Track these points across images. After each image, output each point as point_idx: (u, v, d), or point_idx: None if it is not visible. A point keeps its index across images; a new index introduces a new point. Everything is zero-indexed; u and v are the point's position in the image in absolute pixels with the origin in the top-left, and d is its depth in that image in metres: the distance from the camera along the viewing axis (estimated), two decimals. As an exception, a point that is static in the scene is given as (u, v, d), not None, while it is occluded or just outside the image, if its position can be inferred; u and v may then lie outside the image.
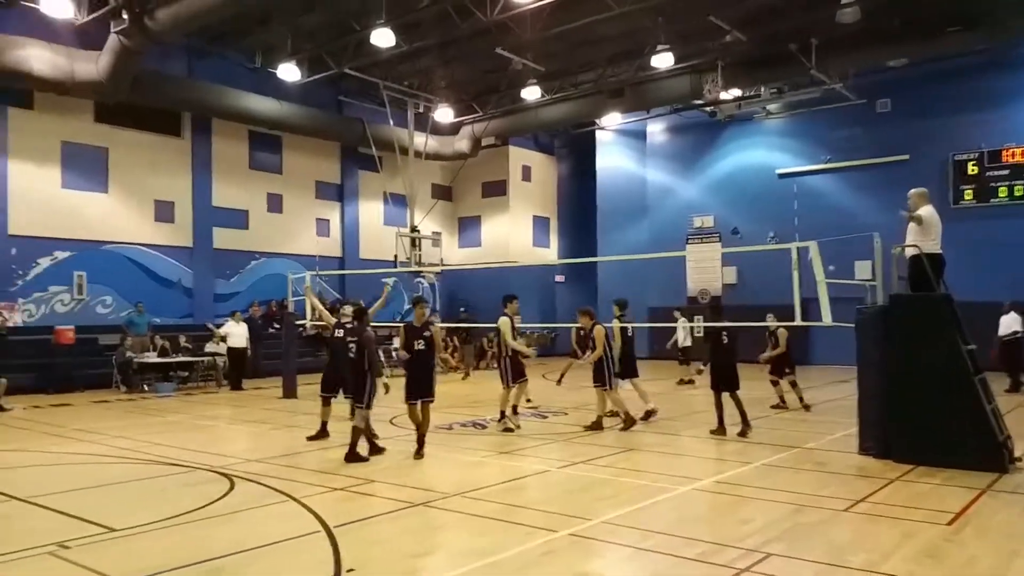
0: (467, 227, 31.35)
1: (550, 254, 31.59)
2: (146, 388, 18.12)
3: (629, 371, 12.78)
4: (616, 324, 12.67)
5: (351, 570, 5.50)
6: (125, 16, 17.54)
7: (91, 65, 18.96)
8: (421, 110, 26.12)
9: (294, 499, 7.58)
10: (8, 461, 9.88)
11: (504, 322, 11.91)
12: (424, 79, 25.21)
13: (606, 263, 28.82)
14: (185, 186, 23.05)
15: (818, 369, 23.59)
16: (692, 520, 6.94)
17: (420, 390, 9.71)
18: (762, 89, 25.05)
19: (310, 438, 10.90)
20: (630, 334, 12.98)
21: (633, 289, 27.45)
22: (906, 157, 23.71)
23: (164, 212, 22.59)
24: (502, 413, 11.87)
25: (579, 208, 31.69)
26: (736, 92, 24.56)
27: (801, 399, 14.02)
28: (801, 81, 23.74)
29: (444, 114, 26.57)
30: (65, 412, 14.81)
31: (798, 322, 10.97)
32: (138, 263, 21.93)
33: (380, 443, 10.01)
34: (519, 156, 30.66)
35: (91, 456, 10.14)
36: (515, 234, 30.24)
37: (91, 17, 18.16)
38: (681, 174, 29.22)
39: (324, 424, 10.96)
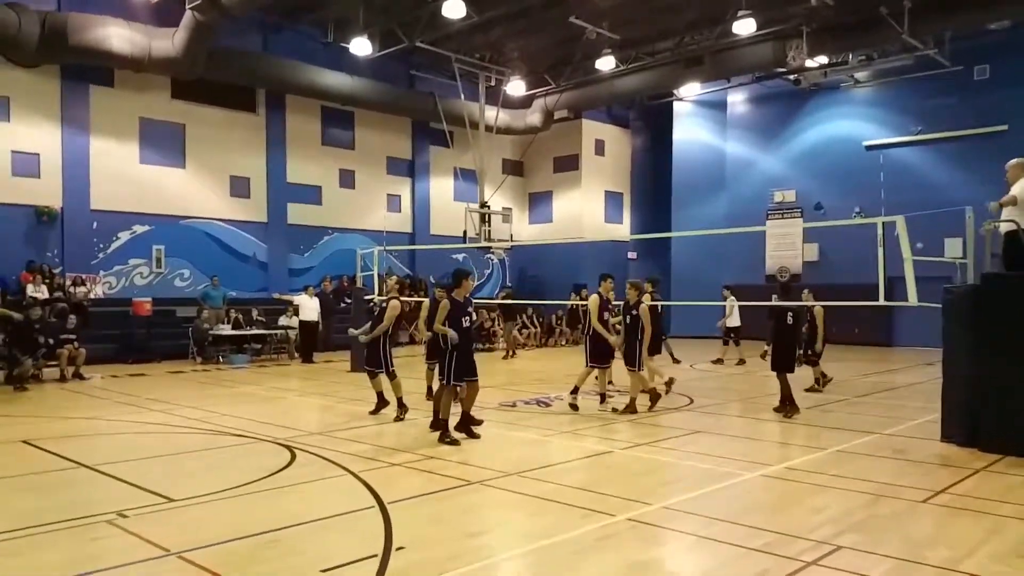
0: (538, 203, 31.01)
1: (623, 230, 31.01)
2: (221, 360, 18.54)
3: (653, 349, 12.71)
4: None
5: (401, 548, 5.37)
6: (199, -9, 17.80)
7: (167, 42, 19.32)
8: (493, 83, 25.84)
9: (352, 473, 7.51)
10: (82, 429, 10.16)
11: (593, 300, 11.46)
12: (496, 51, 24.89)
13: (681, 240, 28.15)
14: (260, 162, 23.41)
15: (901, 351, 22.58)
16: (758, 508, 6.56)
17: (469, 369, 9.26)
18: (849, 56, 23.85)
19: (371, 412, 10.88)
20: (659, 311, 12.73)
21: (708, 266, 26.85)
22: (1004, 128, 22.28)
23: (240, 187, 23.01)
24: (575, 388, 11.57)
25: (654, 183, 30.94)
26: (822, 59, 23.46)
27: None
28: (892, 47, 22.50)
29: (516, 87, 26.22)
30: (141, 382, 15.25)
31: (881, 302, 10.35)
32: (214, 237, 22.44)
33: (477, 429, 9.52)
34: (592, 129, 30.08)
35: (161, 426, 10.34)
36: (587, 210, 29.76)
37: (167, -6, 18.50)
38: (762, 146, 28.22)
39: (380, 395, 10.92)
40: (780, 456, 8.55)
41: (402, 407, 10.56)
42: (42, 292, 18.17)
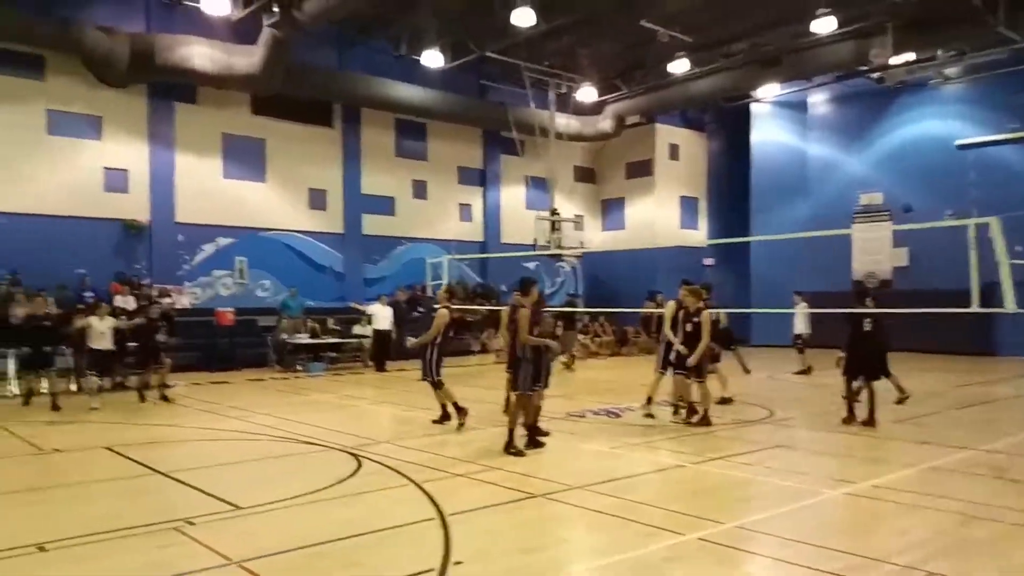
0: (611, 209, 30.65)
1: (698, 236, 30.35)
2: (299, 368, 18.88)
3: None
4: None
5: (459, 562, 5.24)
6: (276, 9, 18.24)
7: (247, 59, 19.87)
8: (563, 91, 25.74)
9: (414, 483, 7.44)
10: (162, 436, 10.44)
11: (670, 306, 11.30)
12: (566, 58, 24.74)
13: (760, 245, 27.38)
14: (336, 174, 23.86)
15: (1004, 361, 21.32)
16: (840, 529, 6.18)
17: (538, 377, 9.22)
18: (938, 52, 22.74)
19: (435, 421, 10.85)
20: (714, 319, 12.20)
21: (790, 273, 25.99)
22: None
23: (317, 200, 23.50)
24: (648, 398, 11.36)
25: (731, 188, 30.18)
26: (908, 56, 22.41)
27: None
28: (985, 41, 21.32)
29: (586, 94, 26.04)
30: (222, 390, 15.65)
31: (975, 308, 9.73)
32: (294, 249, 22.95)
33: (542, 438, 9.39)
34: (666, 134, 29.58)
35: (236, 433, 10.53)
36: (661, 216, 29.24)
37: (246, 12, 19.05)
38: (846, 147, 27.22)
39: (444, 407, 10.88)
40: (865, 473, 8.06)
41: (461, 411, 10.46)
42: (129, 303, 18.89)
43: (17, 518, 6.43)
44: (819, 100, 27.92)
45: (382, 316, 19.37)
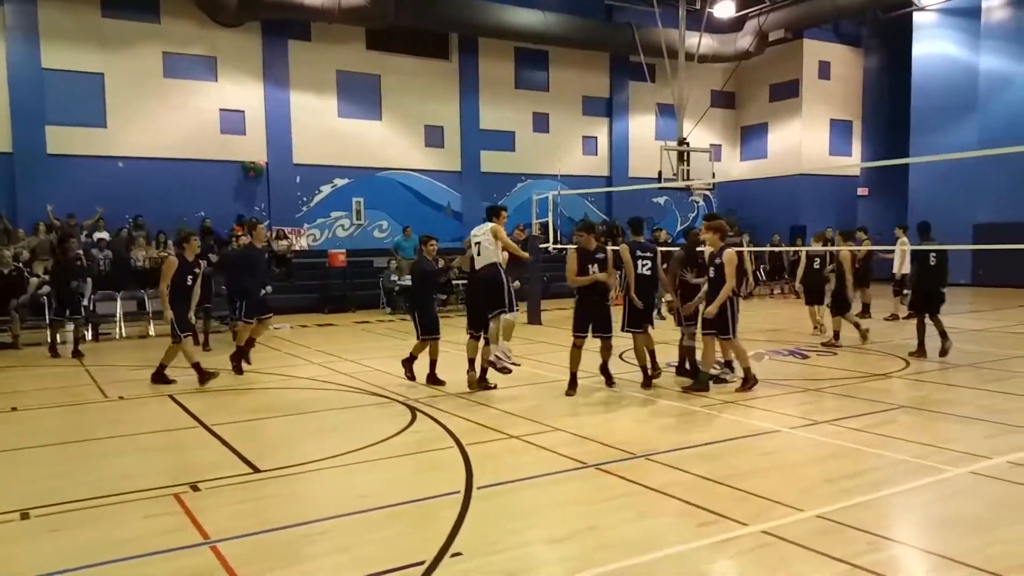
0: (751, 137, 28.21)
1: (851, 164, 27.43)
2: (386, 308, 18.52)
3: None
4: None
5: (457, 554, 4.37)
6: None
7: (354, -9, 19.32)
8: (697, 6, 23.48)
9: (460, 445, 6.62)
10: (232, 383, 10.03)
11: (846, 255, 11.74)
12: (699, -31, 22.53)
13: (922, 172, 24.36)
14: (453, 110, 23.11)
15: None
16: (957, 522, 4.76)
17: (585, 325, 8.84)
18: None
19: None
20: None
21: (956, 203, 22.97)
22: None
23: (434, 137, 22.89)
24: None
25: (890, 108, 26.96)
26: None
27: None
28: None
29: (724, 8, 23.71)
30: (324, 333, 15.48)
31: None
32: (410, 188, 22.57)
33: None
34: (815, 50, 26.64)
35: (308, 380, 10.08)
36: (808, 142, 26.58)
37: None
38: (1027, 58, 23.47)
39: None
40: (1004, 446, 6.44)
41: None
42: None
43: (29, 478, 6.13)
44: (995, 4, 24.04)
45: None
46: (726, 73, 27.48)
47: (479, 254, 8.73)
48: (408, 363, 9.66)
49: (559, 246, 16.55)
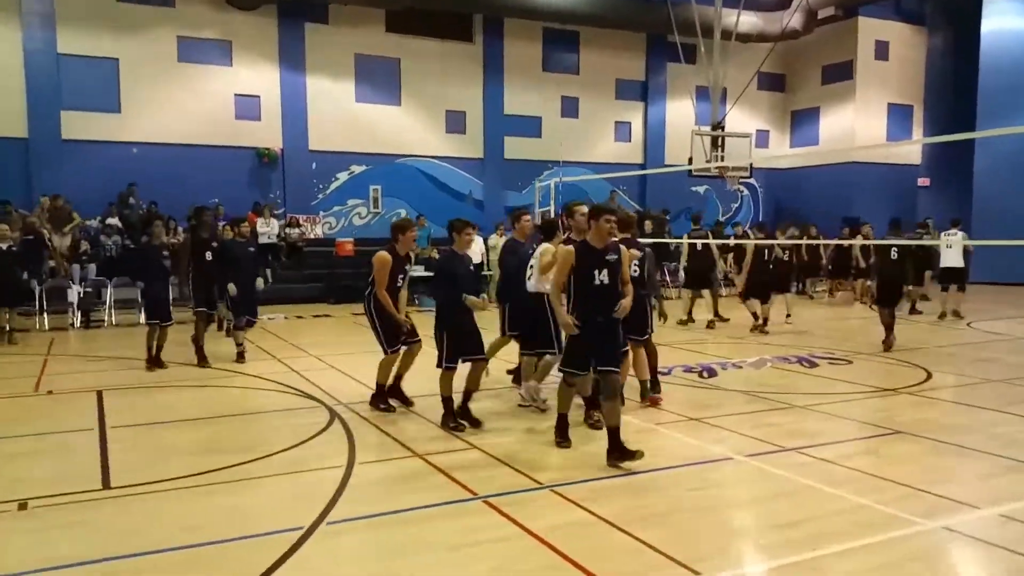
0: (802, 122, 26.48)
1: (911, 152, 25.45)
2: (416, 302, 17.73)
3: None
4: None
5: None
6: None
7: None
8: (739, -18, 21.93)
9: (351, 465, 5.76)
10: (169, 379, 9.33)
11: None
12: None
13: (988, 161, 22.31)
14: (476, 95, 22.22)
15: None
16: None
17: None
18: None
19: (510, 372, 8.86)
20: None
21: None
22: None
23: (455, 123, 22.05)
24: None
25: (955, 93, 24.84)
26: None
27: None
28: None
29: (769, -16, 22.15)
30: (314, 325, 14.81)
31: None
32: (430, 176, 21.79)
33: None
34: (872, 29, 24.75)
35: (252, 379, 9.31)
36: (863, 127, 24.75)
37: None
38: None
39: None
40: (1011, 489, 5.22)
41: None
42: (273, 228, 18.74)
43: None
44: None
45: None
46: (775, 54, 25.76)
47: (530, 277, 7.28)
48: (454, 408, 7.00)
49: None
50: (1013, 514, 4.74)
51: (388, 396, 7.51)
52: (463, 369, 6.89)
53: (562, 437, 6.21)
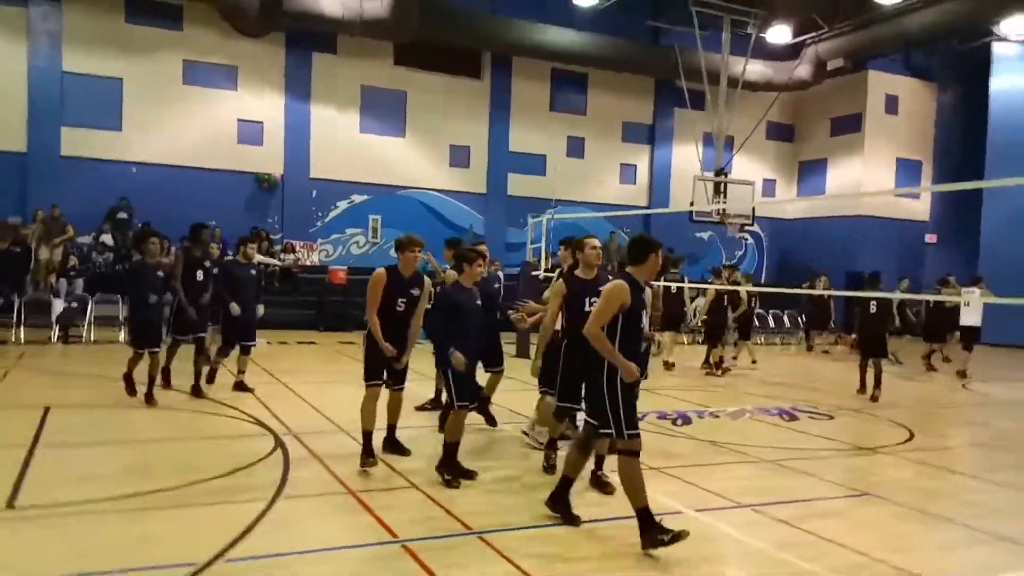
0: (809, 172, 26.24)
1: (919, 208, 25.12)
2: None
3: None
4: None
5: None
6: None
7: (377, 2, 18.63)
8: (749, 30, 21.90)
9: (276, 498, 5.44)
10: (121, 401, 9.06)
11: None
12: (752, -9, 21.00)
13: (996, 217, 21.95)
14: (481, 130, 22.17)
15: None
16: None
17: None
18: None
19: (419, 408, 8.69)
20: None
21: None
22: None
23: (459, 157, 21.99)
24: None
25: (964, 149, 24.56)
26: None
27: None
28: None
29: (779, 33, 22.07)
30: (295, 352, 14.52)
31: None
32: (431, 208, 21.67)
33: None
34: (882, 83, 24.60)
35: (215, 404, 8.99)
36: (871, 180, 24.45)
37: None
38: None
39: (437, 392, 8.68)
40: (970, 564, 4.84)
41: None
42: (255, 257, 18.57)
43: None
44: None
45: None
46: (784, 104, 25.69)
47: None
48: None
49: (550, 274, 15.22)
50: (970, 591, 4.36)
51: (391, 442, 6.75)
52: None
53: (570, 519, 5.21)
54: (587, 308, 5.77)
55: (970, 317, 14.56)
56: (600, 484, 6.02)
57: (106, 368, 10.27)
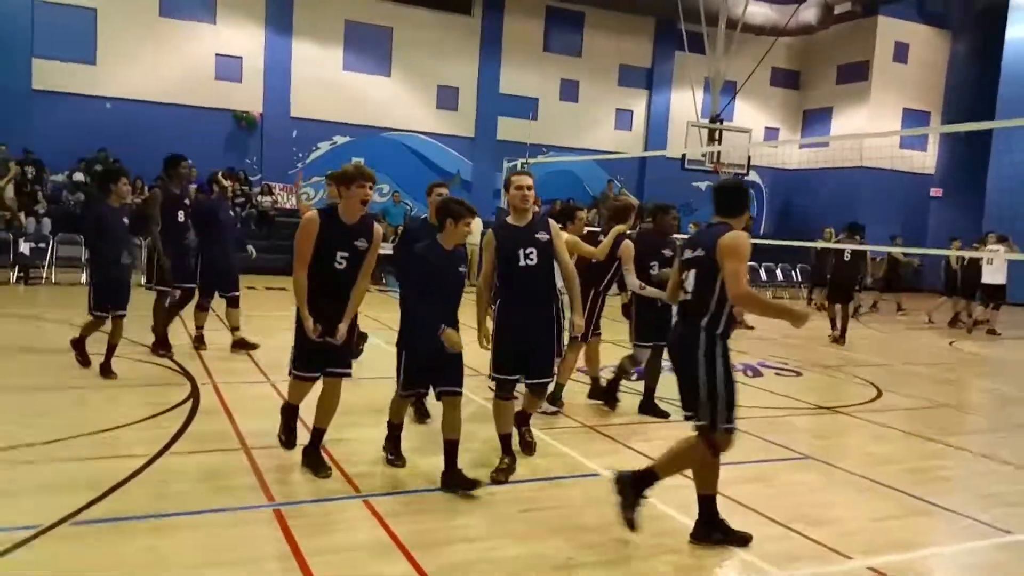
0: (814, 122, 25.38)
1: (925, 161, 24.28)
2: (383, 279, 17.06)
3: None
4: None
5: None
6: None
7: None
8: (752, -29, 20.93)
9: (162, 454, 5.08)
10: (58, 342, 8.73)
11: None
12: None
13: (1003, 170, 21.14)
14: (471, 71, 21.42)
15: None
16: None
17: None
18: None
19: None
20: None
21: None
22: None
23: (447, 99, 21.29)
24: None
25: (975, 102, 23.58)
26: None
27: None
28: None
29: (783, -26, 21.08)
30: (258, 298, 14.12)
31: None
32: (417, 152, 21.09)
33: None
34: (892, 30, 23.56)
35: (147, 349, 8.61)
36: (876, 131, 23.58)
37: None
38: None
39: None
40: (905, 535, 4.44)
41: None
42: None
43: None
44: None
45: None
46: (791, 49, 24.75)
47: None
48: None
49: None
50: (884, 568, 3.96)
51: (309, 453, 5.00)
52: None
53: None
54: (522, 262, 4.97)
55: (994, 276, 14.56)
56: (524, 444, 5.62)
57: (63, 311, 9.93)
